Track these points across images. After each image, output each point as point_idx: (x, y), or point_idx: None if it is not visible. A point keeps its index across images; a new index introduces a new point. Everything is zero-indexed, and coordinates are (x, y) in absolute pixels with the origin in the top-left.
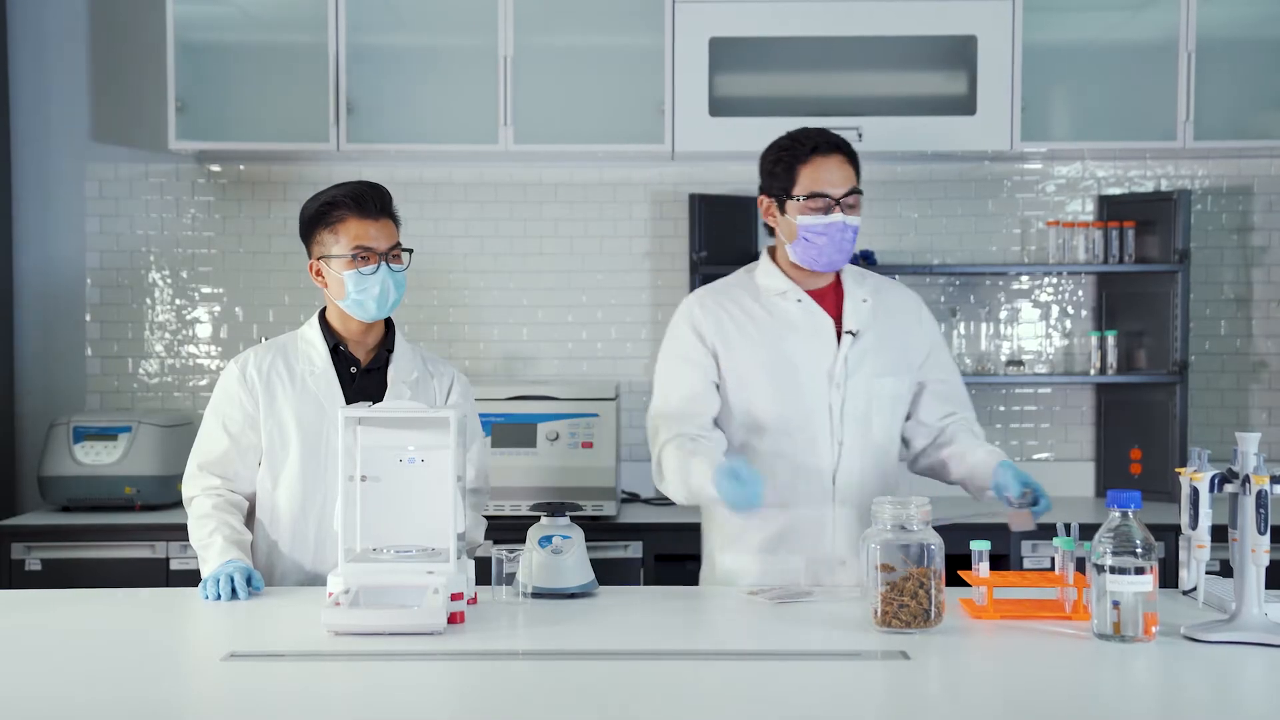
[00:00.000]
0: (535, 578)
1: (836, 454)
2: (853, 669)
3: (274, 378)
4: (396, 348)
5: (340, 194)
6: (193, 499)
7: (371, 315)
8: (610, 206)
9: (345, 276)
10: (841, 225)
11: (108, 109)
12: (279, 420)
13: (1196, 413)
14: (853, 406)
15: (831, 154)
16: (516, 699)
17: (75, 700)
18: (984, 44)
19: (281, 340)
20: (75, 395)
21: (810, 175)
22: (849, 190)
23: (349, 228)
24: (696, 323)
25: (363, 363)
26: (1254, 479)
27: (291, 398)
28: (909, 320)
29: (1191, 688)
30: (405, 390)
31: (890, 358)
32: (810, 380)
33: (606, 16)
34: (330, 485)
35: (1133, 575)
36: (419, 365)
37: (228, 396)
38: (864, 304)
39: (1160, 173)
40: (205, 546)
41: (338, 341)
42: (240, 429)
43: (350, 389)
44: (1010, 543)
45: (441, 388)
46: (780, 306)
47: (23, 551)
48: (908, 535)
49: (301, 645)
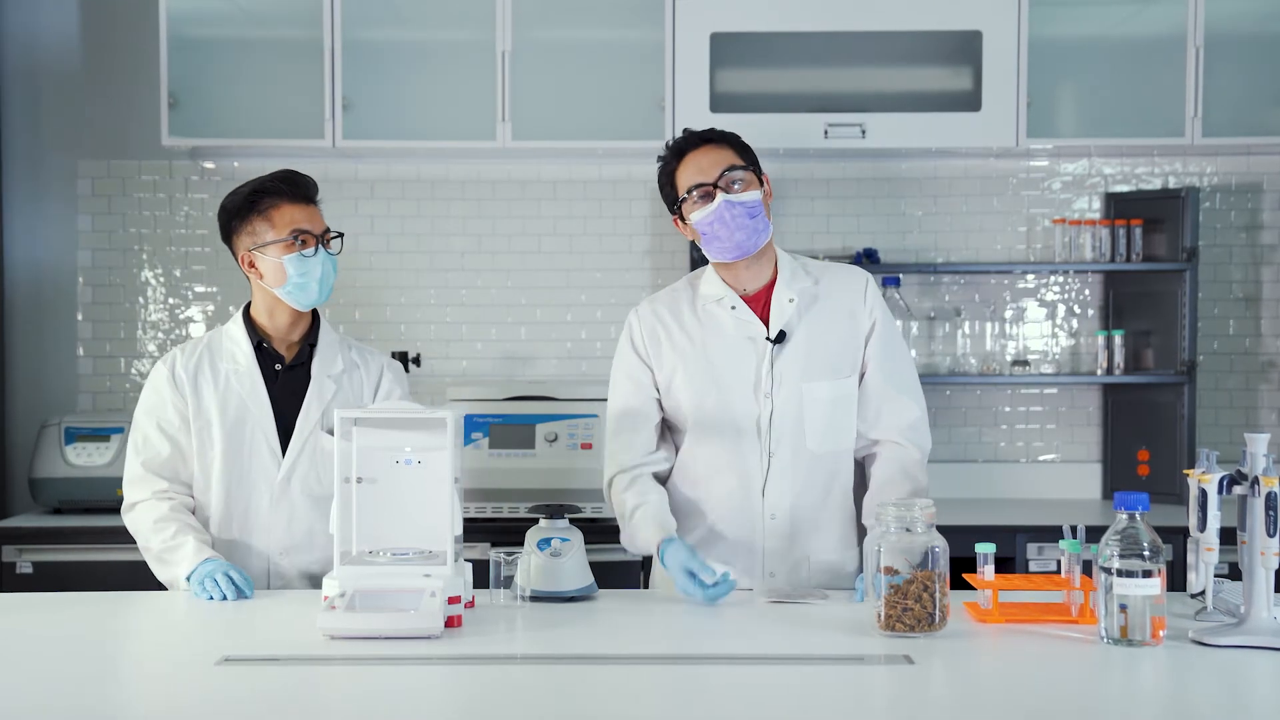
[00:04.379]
0: (534, 581)
1: (765, 466)
2: (856, 674)
3: (200, 377)
4: (320, 340)
5: (268, 181)
6: (139, 503)
7: (312, 299)
8: (610, 204)
9: (284, 261)
10: (726, 204)
11: (100, 104)
12: (205, 420)
13: (1205, 413)
14: (782, 417)
15: (699, 147)
16: (515, 704)
17: (67, 706)
18: (989, 39)
19: (206, 338)
20: (67, 395)
21: (685, 173)
22: (723, 170)
23: (283, 213)
24: (634, 335)
25: (287, 359)
26: (1263, 480)
27: (216, 397)
28: (848, 304)
29: (1200, 692)
30: (330, 385)
31: (825, 358)
32: (737, 391)
33: (606, 11)
34: (252, 488)
35: (1140, 578)
36: (344, 357)
37: (160, 398)
38: (790, 304)
39: (1168, 170)
40: (172, 549)
41: (260, 339)
42: (177, 430)
43: (274, 386)
44: (1016, 545)
45: (370, 379)
46: (714, 314)
47: (14, 554)
48: (912, 538)
49: (296, 649)
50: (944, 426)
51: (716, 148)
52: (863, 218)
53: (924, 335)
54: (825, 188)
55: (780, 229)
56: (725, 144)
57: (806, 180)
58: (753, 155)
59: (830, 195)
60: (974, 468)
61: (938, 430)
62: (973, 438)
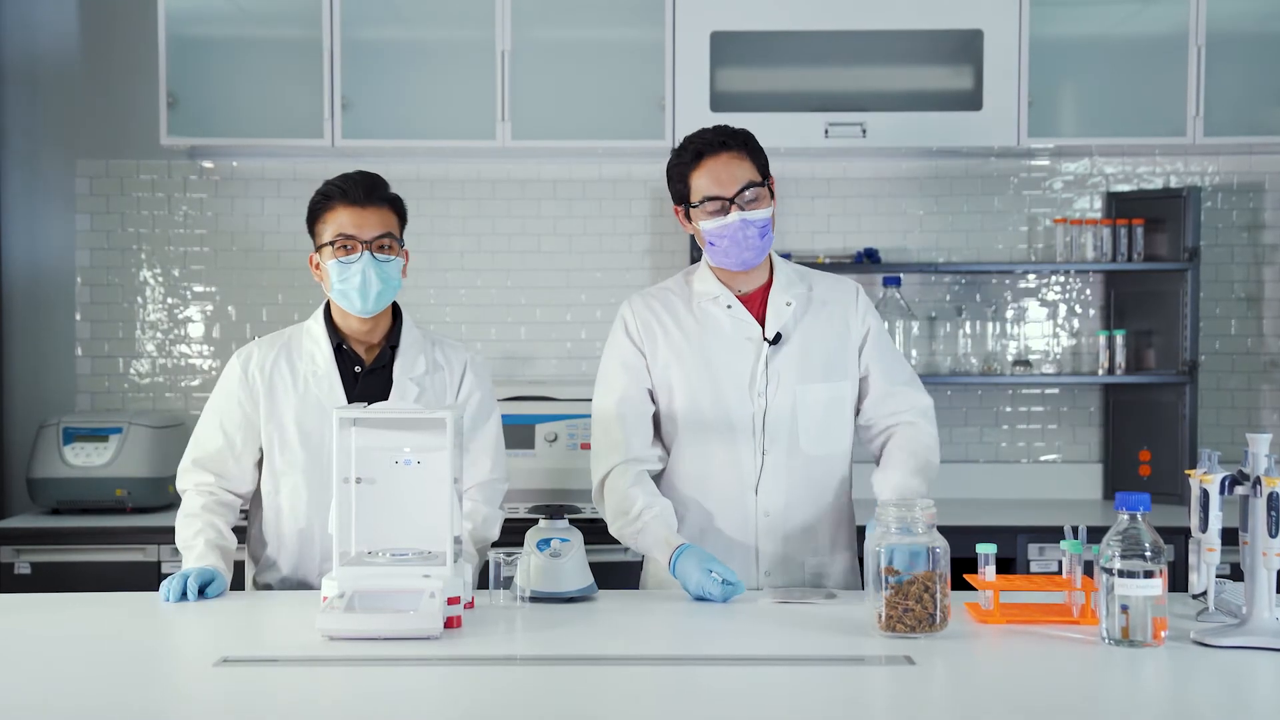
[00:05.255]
0: (533, 581)
1: (759, 465)
2: (856, 674)
3: (276, 378)
4: (402, 341)
5: (332, 183)
6: (184, 492)
7: (357, 308)
8: (610, 203)
9: (329, 266)
10: (740, 223)
11: (98, 103)
12: (280, 424)
13: (1206, 413)
14: (776, 416)
15: (719, 153)
16: (514, 705)
17: (65, 706)
18: (990, 38)
19: (287, 334)
20: (65, 395)
21: (701, 180)
22: (742, 187)
23: (335, 216)
24: (628, 325)
25: (366, 362)
26: (1265, 481)
27: (293, 401)
28: (842, 311)
29: (1201, 693)
30: (412, 388)
31: (820, 361)
32: (732, 389)
33: (606, 10)
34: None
35: (1141, 579)
36: (427, 358)
37: (227, 394)
38: (787, 307)
39: (1170, 169)
40: (188, 548)
41: (341, 340)
42: (236, 428)
43: (354, 391)
44: (1017, 546)
45: (452, 379)
46: (710, 313)
47: (11, 555)
48: (913, 538)
49: (295, 650)
50: (945, 427)
51: (737, 158)
52: (863, 217)
53: (925, 335)
54: (826, 187)
55: (781, 229)
56: (745, 153)
57: (807, 179)
58: (765, 159)
59: (831, 195)
60: (975, 468)
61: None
62: (974, 438)
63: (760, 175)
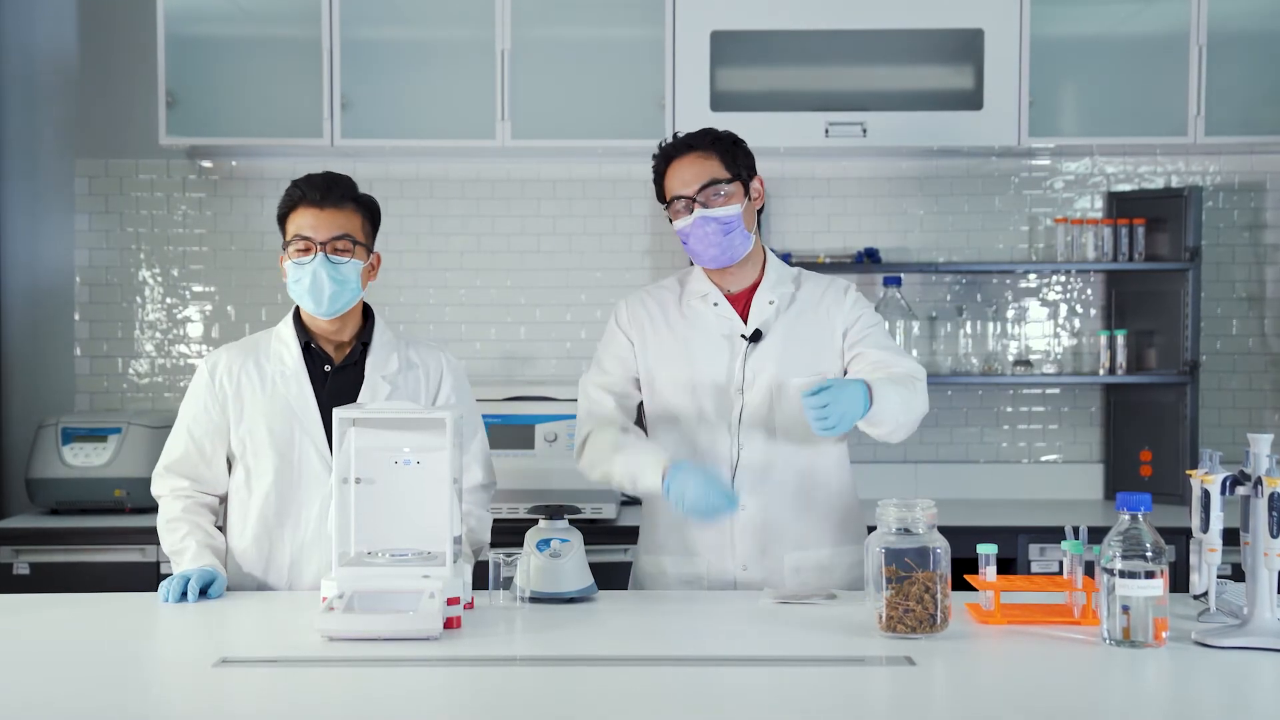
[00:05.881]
0: (533, 582)
1: (735, 459)
2: (857, 675)
3: (244, 381)
4: (374, 339)
5: (296, 183)
6: (160, 498)
7: (311, 309)
8: (609, 203)
9: (286, 266)
10: (701, 219)
11: (97, 103)
12: (250, 427)
13: (1208, 413)
14: (752, 411)
15: (684, 155)
16: (514, 705)
17: (64, 707)
18: (991, 37)
19: (255, 338)
20: (64, 395)
21: (670, 181)
22: (703, 185)
23: (296, 217)
24: (619, 318)
25: (335, 360)
26: (1266, 481)
27: (261, 402)
28: (828, 309)
29: (1202, 694)
30: (384, 386)
31: (800, 358)
32: (710, 383)
33: (606, 9)
34: (304, 494)
35: (1142, 579)
36: (400, 356)
37: (195, 399)
38: (770, 305)
39: (1171, 169)
40: (178, 552)
41: (309, 339)
42: (205, 434)
43: (323, 389)
44: (1018, 546)
45: (429, 379)
46: (697, 310)
47: (10, 555)
48: (913, 538)
49: (294, 651)
50: (946, 427)
51: (701, 157)
52: (864, 217)
53: (925, 335)
54: (826, 187)
55: (781, 229)
56: (711, 152)
57: (807, 179)
58: (743, 160)
59: (831, 194)
60: (975, 468)
61: (939, 430)
62: (974, 438)
63: (730, 173)
